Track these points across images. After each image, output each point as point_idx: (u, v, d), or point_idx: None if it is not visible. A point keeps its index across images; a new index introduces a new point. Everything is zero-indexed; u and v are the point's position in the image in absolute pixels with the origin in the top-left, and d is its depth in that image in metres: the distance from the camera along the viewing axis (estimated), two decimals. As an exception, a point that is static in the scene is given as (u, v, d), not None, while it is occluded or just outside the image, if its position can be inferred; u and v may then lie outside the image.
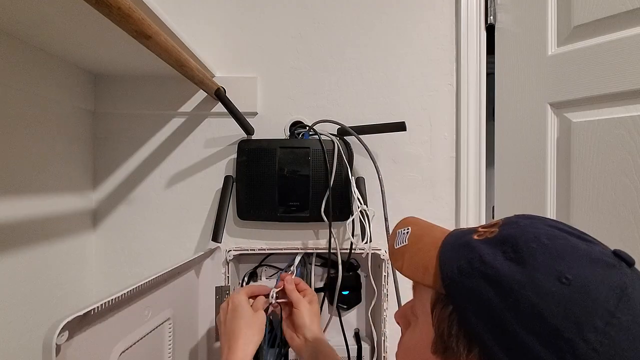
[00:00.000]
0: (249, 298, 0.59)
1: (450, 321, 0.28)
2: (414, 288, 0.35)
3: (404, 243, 0.35)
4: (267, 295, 0.61)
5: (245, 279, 0.76)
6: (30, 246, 0.58)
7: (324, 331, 0.71)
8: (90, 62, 0.67)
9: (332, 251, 0.70)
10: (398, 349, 0.36)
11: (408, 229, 0.37)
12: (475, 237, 0.29)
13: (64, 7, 0.44)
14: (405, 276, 0.33)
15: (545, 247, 0.26)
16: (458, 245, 0.30)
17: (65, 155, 0.66)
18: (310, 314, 0.60)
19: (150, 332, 0.55)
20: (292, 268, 0.68)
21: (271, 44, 0.76)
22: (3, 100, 0.53)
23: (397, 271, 0.35)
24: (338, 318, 0.74)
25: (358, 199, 0.69)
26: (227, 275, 0.72)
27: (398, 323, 0.39)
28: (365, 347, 0.75)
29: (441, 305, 0.29)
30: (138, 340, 0.52)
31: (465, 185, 0.76)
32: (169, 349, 0.60)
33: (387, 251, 0.37)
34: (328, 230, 0.69)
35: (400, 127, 0.69)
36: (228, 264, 0.72)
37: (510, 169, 0.74)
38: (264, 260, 0.76)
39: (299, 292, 0.62)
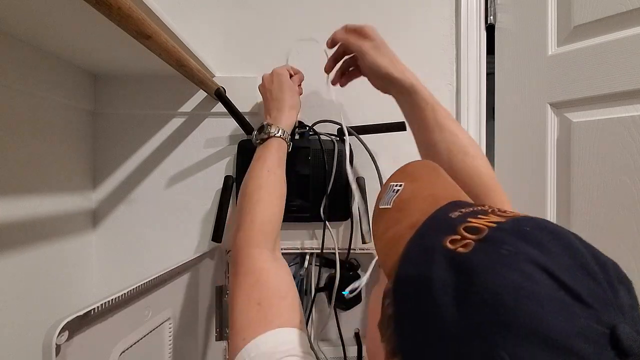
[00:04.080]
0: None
1: (389, 322, 0.25)
2: None
3: (388, 205, 0.31)
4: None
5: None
6: (30, 246, 0.58)
7: (322, 331, 0.72)
8: (90, 62, 0.67)
9: (331, 251, 0.70)
10: (374, 290, 0.33)
11: (400, 185, 0.32)
12: (448, 243, 0.23)
13: (64, 7, 0.44)
14: (376, 249, 0.30)
15: (499, 309, 0.19)
16: (426, 246, 0.25)
17: (65, 155, 0.66)
18: (378, 57, 0.55)
19: (150, 332, 0.55)
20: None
21: (271, 44, 0.76)
22: (3, 100, 0.53)
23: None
24: (335, 318, 0.74)
25: (358, 198, 0.69)
26: (227, 275, 0.72)
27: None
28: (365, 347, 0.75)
29: (387, 301, 0.25)
30: (138, 340, 0.52)
31: (465, 185, 0.76)
32: (169, 349, 0.60)
33: (375, 205, 0.34)
34: (329, 230, 0.69)
35: (400, 127, 0.69)
36: (228, 264, 0.72)
37: (510, 169, 0.74)
38: (264, 260, 0.76)
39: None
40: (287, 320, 0.38)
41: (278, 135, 0.57)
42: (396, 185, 0.32)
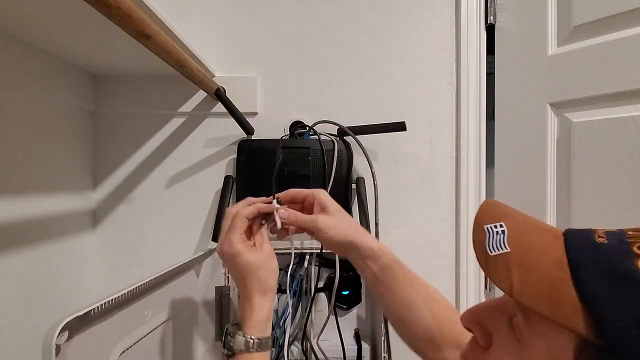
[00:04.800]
0: (247, 226, 0.48)
1: None
2: (521, 308, 0.26)
3: (504, 249, 0.26)
4: (265, 215, 0.49)
5: (245, 279, 0.75)
6: (30, 246, 0.58)
7: (321, 331, 0.71)
8: (90, 62, 0.67)
9: (331, 251, 0.69)
10: None
11: (502, 225, 0.28)
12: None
13: (64, 7, 0.44)
14: (521, 302, 0.24)
15: None
16: (616, 276, 0.21)
17: (65, 155, 0.66)
18: (334, 229, 0.48)
19: (150, 332, 0.55)
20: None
21: (271, 44, 0.76)
22: (3, 100, 0.53)
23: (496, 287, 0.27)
24: (335, 318, 0.74)
25: (357, 199, 0.69)
26: (227, 275, 0.72)
27: (468, 329, 0.30)
28: (365, 347, 0.75)
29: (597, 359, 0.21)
30: (138, 340, 0.52)
31: (465, 185, 0.76)
32: (169, 349, 0.60)
33: (477, 254, 0.28)
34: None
35: (400, 127, 0.69)
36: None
37: (510, 169, 0.74)
38: (264, 260, 0.76)
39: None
40: None
41: (244, 349, 0.44)
42: (496, 227, 0.28)
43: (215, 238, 0.70)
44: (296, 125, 0.75)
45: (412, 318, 0.47)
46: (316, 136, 0.71)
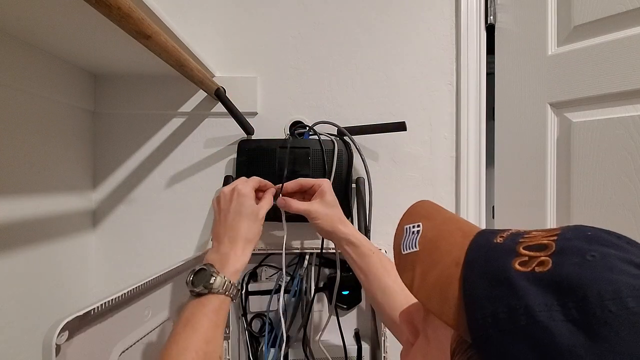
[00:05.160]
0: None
1: None
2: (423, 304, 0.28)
3: (414, 248, 0.28)
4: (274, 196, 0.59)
5: (245, 279, 0.76)
6: (30, 246, 0.58)
7: (322, 331, 0.72)
8: (90, 62, 0.67)
9: (331, 251, 0.70)
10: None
11: (419, 225, 0.29)
12: (518, 266, 0.21)
13: (64, 7, 0.44)
14: (417, 298, 0.26)
15: (630, 317, 0.17)
16: (492, 275, 0.21)
17: (65, 155, 0.66)
18: (326, 219, 0.57)
19: (150, 332, 0.55)
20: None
21: (271, 44, 0.76)
22: (3, 100, 0.53)
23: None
24: (336, 318, 0.74)
25: (356, 199, 0.69)
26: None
27: (401, 324, 0.32)
28: (365, 347, 0.75)
29: (464, 357, 0.22)
30: (138, 340, 0.52)
31: (465, 185, 0.76)
32: (169, 349, 0.60)
33: (394, 253, 0.30)
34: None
35: (400, 127, 0.69)
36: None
37: (510, 169, 0.74)
38: (263, 260, 0.76)
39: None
40: None
41: (221, 291, 0.45)
42: (413, 227, 0.29)
43: None
44: (296, 125, 0.75)
45: (389, 303, 0.52)
46: (316, 136, 0.71)
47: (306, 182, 0.61)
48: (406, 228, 0.30)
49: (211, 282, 0.45)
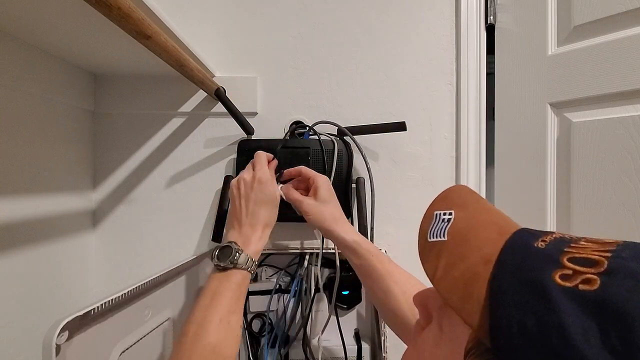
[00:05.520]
0: None
1: None
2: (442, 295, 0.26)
3: (441, 237, 0.26)
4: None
5: (245, 279, 0.75)
6: (30, 246, 0.58)
7: (322, 331, 0.71)
8: (90, 62, 0.67)
9: (331, 251, 0.70)
10: (411, 347, 0.29)
11: (451, 213, 0.27)
12: (559, 279, 0.19)
13: (64, 7, 0.44)
14: (438, 290, 0.24)
15: None
16: (526, 282, 0.20)
17: (65, 155, 0.66)
18: (317, 215, 0.56)
19: (150, 332, 0.55)
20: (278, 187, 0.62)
21: (271, 44, 0.76)
22: (3, 101, 0.53)
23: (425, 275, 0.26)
24: (336, 318, 0.74)
25: (357, 199, 0.69)
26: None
27: (416, 306, 0.30)
28: (365, 347, 0.75)
29: (480, 359, 0.20)
30: (138, 340, 0.52)
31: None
32: (169, 349, 0.60)
33: (419, 237, 0.28)
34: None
35: (400, 127, 0.69)
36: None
37: (510, 169, 0.74)
38: (264, 260, 0.76)
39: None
40: None
41: (244, 267, 0.49)
42: (444, 214, 0.27)
43: (215, 238, 0.70)
44: (296, 125, 0.75)
45: (392, 306, 0.51)
46: (316, 136, 0.71)
47: (306, 172, 0.61)
48: (436, 214, 0.28)
49: (236, 258, 0.49)
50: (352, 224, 0.72)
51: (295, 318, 0.75)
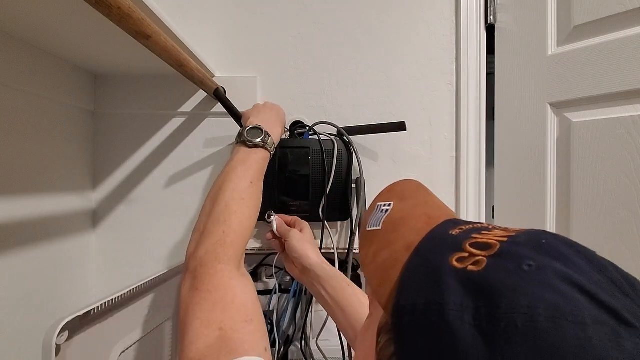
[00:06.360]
0: None
1: None
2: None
3: (377, 227, 0.28)
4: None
5: (245, 279, 0.76)
6: (30, 246, 0.58)
7: (321, 330, 0.71)
8: (90, 62, 0.67)
9: (331, 251, 0.70)
10: (360, 331, 0.30)
11: (390, 205, 0.29)
12: (455, 262, 0.20)
13: (64, 7, 0.44)
14: (364, 275, 0.26)
15: (536, 335, 0.16)
16: (429, 267, 0.21)
17: (65, 155, 0.66)
18: (301, 242, 0.58)
19: (150, 332, 0.55)
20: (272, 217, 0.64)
21: (271, 44, 0.76)
22: (3, 100, 0.53)
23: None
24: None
25: (356, 199, 0.69)
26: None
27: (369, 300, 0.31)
28: (365, 347, 0.75)
29: (385, 338, 0.21)
30: (138, 340, 0.52)
31: (465, 185, 0.76)
32: (169, 349, 0.60)
33: (360, 227, 0.31)
34: (327, 230, 0.69)
35: (400, 127, 0.69)
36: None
37: (510, 169, 0.74)
38: (264, 260, 0.76)
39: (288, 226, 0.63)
40: (251, 347, 0.34)
41: (268, 147, 0.55)
42: (384, 205, 0.29)
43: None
44: (296, 125, 0.75)
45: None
46: (316, 136, 0.71)
47: (291, 220, 0.65)
48: (378, 205, 0.30)
49: (267, 139, 0.54)
50: (352, 223, 0.72)
51: (295, 318, 0.75)
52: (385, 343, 0.21)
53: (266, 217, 0.63)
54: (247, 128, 0.54)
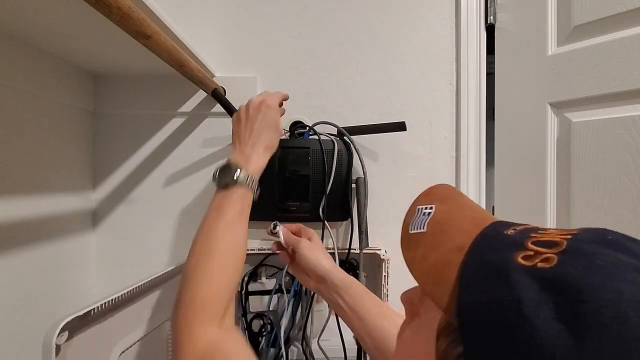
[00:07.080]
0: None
1: None
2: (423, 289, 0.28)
3: (422, 229, 0.28)
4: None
5: (246, 279, 0.76)
6: (30, 246, 0.58)
7: (322, 331, 0.72)
8: (90, 62, 0.67)
9: (331, 251, 0.70)
10: (398, 342, 0.30)
11: (431, 207, 0.29)
12: (521, 259, 0.20)
13: (64, 7, 0.44)
14: (413, 277, 0.26)
15: (625, 328, 0.16)
16: (491, 264, 0.21)
17: (65, 155, 0.66)
18: (313, 251, 0.56)
19: (150, 332, 0.55)
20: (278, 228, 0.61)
21: (271, 44, 0.76)
22: (3, 100, 0.53)
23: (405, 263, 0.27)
24: (336, 318, 0.74)
25: (357, 199, 0.69)
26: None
27: (403, 304, 0.31)
28: (365, 347, 0.75)
29: (448, 340, 0.21)
30: (138, 340, 0.52)
31: (465, 185, 0.76)
32: (169, 349, 0.60)
33: (402, 230, 0.30)
34: (328, 230, 0.69)
35: (400, 127, 0.69)
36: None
37: (510, 169, 0.74)
38: (264, 260, 0.76)
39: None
40: None
41: (245, 183, 0.50)
42: (426, 208, 0.29)
43: None
44: (296, 125, 0.75)
45: (386, 348, 0.48)
46: (316, 136, 0.71)
47: (297, 228, 0.62)
48: (418, 208, 0.30)
49: (237, 175, 0.50)
50: (351, 224, 0.72)
51: (295, 318, 0.75)
52: (450, 344, 0.21)
53: (271, 228, 0.59)
54: (217, 169, 0.52)
